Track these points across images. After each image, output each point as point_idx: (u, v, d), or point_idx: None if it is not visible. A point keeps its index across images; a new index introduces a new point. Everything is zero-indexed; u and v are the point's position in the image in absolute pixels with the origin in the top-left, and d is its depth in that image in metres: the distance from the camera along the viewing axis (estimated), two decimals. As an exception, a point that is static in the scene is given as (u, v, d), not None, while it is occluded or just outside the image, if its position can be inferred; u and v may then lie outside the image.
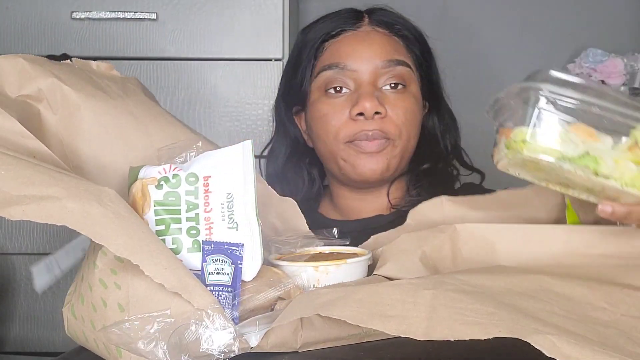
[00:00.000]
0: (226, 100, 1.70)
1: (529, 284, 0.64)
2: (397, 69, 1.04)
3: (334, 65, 1.04)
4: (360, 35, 1.06)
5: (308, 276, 0.73)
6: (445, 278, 0.63)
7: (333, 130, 1.04)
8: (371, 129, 1.02)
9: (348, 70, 1.03)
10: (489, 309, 0.58)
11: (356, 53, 1.03)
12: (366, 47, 1.04)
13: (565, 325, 0.57)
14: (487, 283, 0.63)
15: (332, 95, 1.04)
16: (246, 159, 0.72)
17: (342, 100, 1.04)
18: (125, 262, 0.63)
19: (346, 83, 1.04)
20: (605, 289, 0.65)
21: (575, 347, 0.52)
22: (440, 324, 0.56)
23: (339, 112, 1.03)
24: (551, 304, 0.61)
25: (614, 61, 1.97)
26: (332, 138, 1.05)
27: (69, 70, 0.82)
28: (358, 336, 0.66)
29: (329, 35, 1.06)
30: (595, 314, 0.62)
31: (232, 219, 0.70)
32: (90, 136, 0.79)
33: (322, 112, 1.05)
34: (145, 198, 0.70)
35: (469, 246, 0.76)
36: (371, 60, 1.03)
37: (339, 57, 1.04)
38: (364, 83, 1.02)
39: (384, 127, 1.02)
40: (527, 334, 0.53)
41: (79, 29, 1.67)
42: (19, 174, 0.63)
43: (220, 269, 0.68)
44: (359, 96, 1.01)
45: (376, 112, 1.01)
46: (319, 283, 0.73)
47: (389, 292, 0.61)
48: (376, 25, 1.07)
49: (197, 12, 1.68)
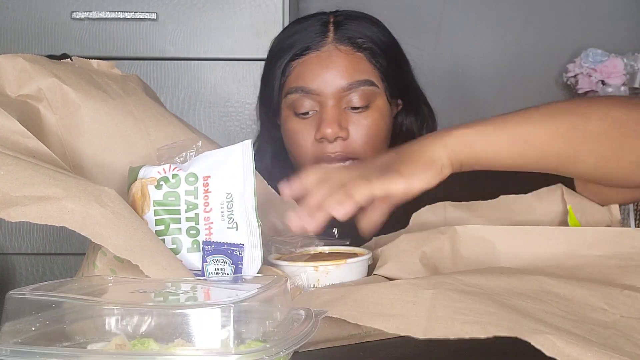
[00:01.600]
0: (226, 100, 1.70)
1: (529, 284, 0.64)
2: (360, 90, 1.06)
3: (299, 89, 1.07)
4: (323, 56, 1.08)
5: (308, 276, 0.73)
6: (446, 278, 0.63)
7: (302, 151, 1.09)
8: (334, 152, 1.06)
9: (312, 94, 1.06)
10: (489, 308, 0.58)
11: (320, 76, 1.07)
12: (329, 70, 1.07)
13: (565, 326, 0.57)
14: (487, 284, 0.63)
15: (300, 116, 1.08)
16: (246, 159, 0.72)
17: (308, 121, 1.08)
18: (125, 262, 0.63)
19: (312, 106, 1.07)
20: (605, 290, 0.65)
21: (575, 347, 0.52)
22: (440, 323, 0.56)
23: (306, 132, 1.08)
24: (551, 304, 0.61)
25: (614, 61, 1.97)
26: (301, 157, 1.10)
27: (69, 69, 0.82)
28: (358, 336, 0.66)
29: (295, 54, 1.09)
30: (595, 315, 0.61)
31: (231, 219, 0.70)
32: (90, 136, 0.79)
33: (292, 131, 1.10)
34: (145, 198, 0.70)
35: (469, 247, 0.76)
36: (333, 82, 1.06)
37: (303, 81, 1.08)
38: (327, 106, 1.06)
39: (347, 149, 1.06)
40: (527, 333, 0.53)
41: (79, 29, 1.67)
42: (19, 175, 0.63)
43: (221, 270, 0.68)
44: (321, 120, 1.05)
45: (338, 136, 1.05)
46: (319, 283, 0.73)
47: (389, 292, 0.61)
48: (339, 43, 1.08)
49: (197, 12, 1.68)
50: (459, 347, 0.58)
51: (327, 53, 1.08)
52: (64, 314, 0.52)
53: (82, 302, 0.53)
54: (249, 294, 0.52)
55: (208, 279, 0.68)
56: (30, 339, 0.50)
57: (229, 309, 0.48)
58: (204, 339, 0.48)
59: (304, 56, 1.09)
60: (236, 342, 0.48)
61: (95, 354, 0.48)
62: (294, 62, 1.09)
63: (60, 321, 0.51)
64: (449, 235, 0.77)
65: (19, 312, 0.51)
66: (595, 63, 1.97)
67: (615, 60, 1.97)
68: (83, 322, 0.52)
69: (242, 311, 0.49)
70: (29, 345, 0.48)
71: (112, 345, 0.48)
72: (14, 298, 0.52)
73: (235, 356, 0.46)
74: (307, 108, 1.07)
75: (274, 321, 0.52)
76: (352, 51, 1.08)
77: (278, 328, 0.52)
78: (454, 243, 0.77)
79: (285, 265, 0.75)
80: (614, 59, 1.97)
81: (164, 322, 0.49)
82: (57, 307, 0.52)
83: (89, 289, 0.60)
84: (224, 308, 0.48)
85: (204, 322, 0.48)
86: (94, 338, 0.50)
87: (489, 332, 0.54)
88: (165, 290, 0.58)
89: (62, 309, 0.52)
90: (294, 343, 0.49)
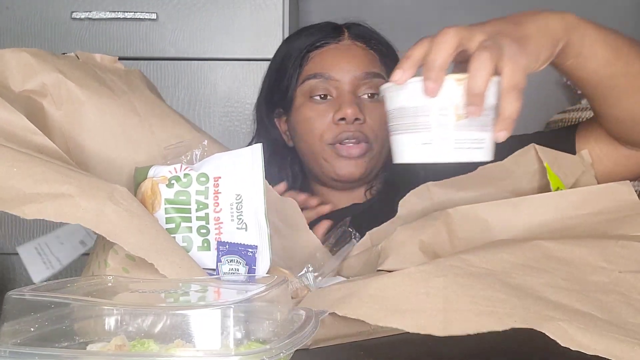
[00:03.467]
0: (226, 100, 1.70)
1: (529, 252, 0.66)
2: (374, 81, 1.14)
3: (319, 75, 1.15)
4: (342, 48, 1.17)
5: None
6: (452, 261, 0.64)
7: (317, 133, 1.14)
8: (352, 131, 1.12)
9: (331, 79, 1.14)
10: (499, 294, 0.59)
11: (339, 64, 1.15)
12: (347, 60, 1.15)
13: (571, 303, 0.59)
14: (492, 259, 0.64)
15: (317, 102, 1.15)
16: (255, 162, 0.73)
17: (325, 106, 1.14)
18: (138, 261, 0.63)
19: (329, 91, 1.14)
20: (601, 245, 0.67)
21: (586, 334, 0.54)
22: (457, 317, 0.57)
23: (323, 116, 1.13)
24: (553, 274, 0.63)
25: (614, 61, 1.96)
26: (316, 140, 1.14)
27: (73, 65, 0.81)
28: (367, 333, 0.66)
29: (313, 46, 1.17)
30: (596, 277, 0.63)
31: (240, 220, 0.71)
32: (94, 133, 0.79)
33: (307, 116, 1.15)
34: (156, 196, 0.71)
35: (464, 228, 0.78)
36: (351, 71, 1.14)
37: (322, 68, 1.15)
38: (345, 92, 1.13)
39: (363, 131, 1.12)
40: (540, 323, 0.55)
41: (79, 29, 1.67)
42: (31, 171, 0.63)
43: (235, 270, 0.70)
44: (341, 103, 1.12)
45: (356, 118, 1.11)
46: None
47: (400, 284, 0.61)
48: (355, 39, 1.18)
49: (197, 12, 1.68)
50: (459, 344, 0.58)
51: (345, 46, 1.17)
52: (63, 315, 0.52)
53: (82, 303, 0.53)
54: (248, 294, 0.52)
55: (222, 277, 0.69)
56: (29, 339, 0.50)
57: (229, 309, 0.48)
58: (203, 340, 0.48)
59: (322, 47, 1.17)
60: (236, 342, 0.48)
61: (94, 354, 0.48)
62: (312, 53, 1.17)
63: (60, 322, 0.51)
64: (443, 220, 0.78)
65: (18, 312, 0.51)
66: (596, 63, 1.97)
67: (615, 61, 1.97)
68: (82, 323, 0.52)
69: (242, 312, 0.49)
70: (28, 345, 0.48)
71: (112, 346, 0.48)
72: (13, 298, 0.52)
73: (235, 357, 0.46)
74: (326, 92, 1.14)
75: (274, 321, 0.52)
76: (367, 48, 1.17)
77: (278, 328, 0.52)
78: (449, 226, 0.78)
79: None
80: (614, 59, 1.97)
81: (164, 322, 0.49)
82: (56, 308, 0.52)
83: (89, 289, 0.60)
84: (223, 309, 0.48)
85: (203, 323, 0.48)
86: (94, 338, 0.50)
87: (506, 324, 0.55)
88: (173, 291, 0.58)
89: (62, 310, 0.52)
90: (294, 344, 0.49)
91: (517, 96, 0.67)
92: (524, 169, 0.88)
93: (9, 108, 0.70)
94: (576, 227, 0.76)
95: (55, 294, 0.53)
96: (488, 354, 0.61)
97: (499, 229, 0.77)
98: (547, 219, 0.77)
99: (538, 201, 0.79)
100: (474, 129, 0.67)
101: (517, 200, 0.79)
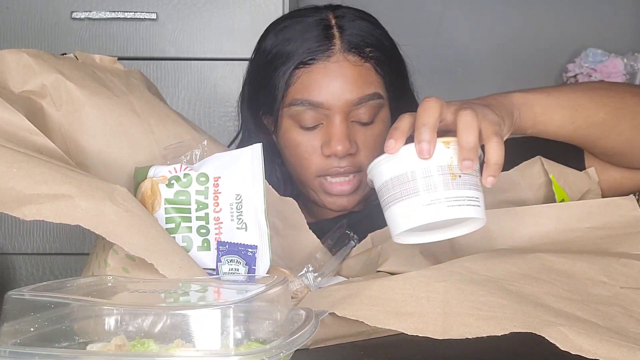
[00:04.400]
0: (226, 100, 1.70)
1: (530, 263, 0.66)
2: (369, 104, 1.03)
3: (306, 102, 1.02)
4: (332, 67, 1.03)
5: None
6: (454, 267, 0.64)
7: (305, 163, 1.05)
8: (343, 165, 1.03)
9: (320, 107, 1.01)
10: (500, 300, 0.59)
11: (327, 89, 1.02)
12: (338, 83, 1.02)
13: (572, 311, 0.58)
14: (493, 267, 0.64)
15: (305, 128, 1.04)
16: (255, 162, 0.73)
17: (314, 133, 1.03)
18: (137, 261, 0.63)
19: (318, 119, 1.02)
20: (603, 261, 0.67)
21: (586, 338, 0.53)
22: (456, 320, 0.57)
23: (311, 145, 1.03)
24: (555, 284, 0.63)
25: (614, 61, 1.97)
26: (304, 170, 1.05)
27: (72, 65, 0.82)
28: (366, 333, 0.66)
29: (301, 62, 1.03)
30: (597, 290, 0.63)
31: (240, 220, 0.71)
32: (94, 133, 0.79)
33: (295, 143, 1.05)
34: (155, 196, 0.71)
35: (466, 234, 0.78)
36: (342, 96, 1.01)
37: (309, 93, 1.02)
38: (335, 122, 1.02)
39: (356, 162, 1.03)
40: (540, 327, 0.55)
41: (79, 29, 1.67)
42: (31, 172, 0.63)
43: (235, 270, 0.70)
44: (330, 136, 1.01)
45: (348, 153, 1.02)
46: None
47: (401, 287, 0.61)
48: (347, 53, 1.03)
49: (197, 12, 1.68)
50: (458, 346, 0.58)
51: (335, 65, 1.03)
52: (63, 315, 0.52)
53: (82, 303, 0.53)
54: (248, 294, 0.52)
55: (222, 277, 0.68)
56: (29, 339, 0.50)
57: (229, 309, 0.48)
58: (203, 340, 0.48)
59: (310, 65, 1.03)
60: (236, 342, 0.48)
61: (94, 354, 0.48)
62: (299, 71, 1.03)
63: (60, 322, 0.51)
64: None
65: (18, 312, 0.51)
66: (595, 63, 1.97)
67: (615, 60, 1.97)
68: (82, 323, 0.52)
69: (242, 312, 0.49)
70: (28, 345, 0.48)
71: (112, 346, 0.48)
72: (13, 298, 0.52)
73: (235, 357, 0.46)
74: (314, 121, 1.02)
75: (274, 322, 0.52)
76: (361, 62, 1.04)
77: (278, 328, 0.52)
78: None
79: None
80: (614, 59, 1.97)
81: (164, 322, 0.49)
82: (56, 308, 0.52)
83: (89, 289, 0.60)
84: (223, 309, 0.48)
85: (203, 323, 0.48)
86: (94, 338, 0.50)
87: (506, 328, 0.55)
88: (173, 291, 0.58)
89: (61, 310, 0.52)
90: (294, 344, 0.49)
91: (499, 142, 0.69)
92: (529, 181, 0.88)
93: (8, 108, 0.70)
94: (577, 240, 0.75)
95: (55, 294, 0.53)
96: (488, 354, 0.61)
97: (500, 237, 0.77)
98: (549, 229, 0.77)
99: (540, 211, 0.78)
100: (467, 188, 0.68)
101: (520, 210, 0.79)
